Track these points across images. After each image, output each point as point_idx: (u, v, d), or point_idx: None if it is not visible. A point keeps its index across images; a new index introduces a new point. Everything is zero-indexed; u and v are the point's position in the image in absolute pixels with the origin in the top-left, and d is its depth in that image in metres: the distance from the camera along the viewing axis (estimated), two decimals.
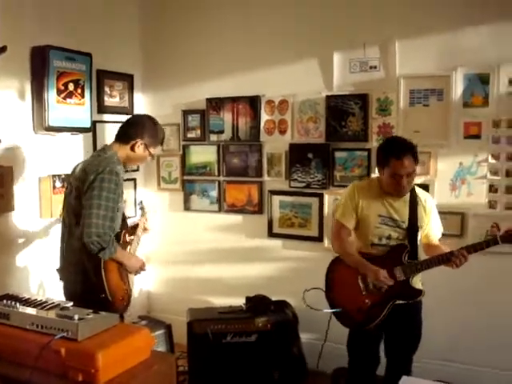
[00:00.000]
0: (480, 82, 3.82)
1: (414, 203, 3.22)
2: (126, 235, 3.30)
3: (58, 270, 3.28)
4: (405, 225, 3.20)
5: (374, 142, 4.14)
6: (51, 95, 4.02)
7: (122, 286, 3.16)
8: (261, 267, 4.69)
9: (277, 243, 4.66)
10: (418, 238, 3.25)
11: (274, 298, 4.40)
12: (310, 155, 4.40)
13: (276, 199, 4.62)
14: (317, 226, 4.46)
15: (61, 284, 3.28)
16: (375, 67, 4.13)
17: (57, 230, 3.67)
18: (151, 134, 3.25)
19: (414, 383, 2.58)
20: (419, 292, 3.18)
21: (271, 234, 4.66)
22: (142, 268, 3.30)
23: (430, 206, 3.29)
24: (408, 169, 3.06)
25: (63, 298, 3.09)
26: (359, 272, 3.20)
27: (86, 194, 2.97)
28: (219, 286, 4.85)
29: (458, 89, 3.89)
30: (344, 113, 4.24)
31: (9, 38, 3.55)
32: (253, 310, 4.27)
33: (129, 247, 3.33)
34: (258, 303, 4.33)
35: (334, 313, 3.34)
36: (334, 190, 4.36)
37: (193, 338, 4.19)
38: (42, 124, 4.01)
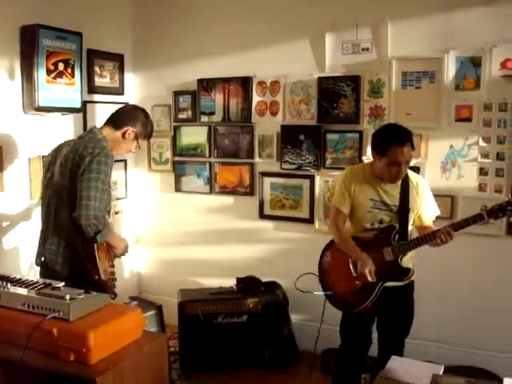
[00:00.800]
0: (472, 64, 3.82)
1: (405, 186, 3.22)
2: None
3: (39, 254, 3.20)
4: (396, 208, 3.21)
5: (366, 124, 4.15)
6: (41, 75, 3.97)
7: (110, 269, 3.15)
8: (252, 248, 4.71)
9: (268, 225, 4.67)
10: (410, 219, 3.25)
11: (264, 279, 4.43)
12: (302, 137, 4.39)
13: (267, 181, 4.61)
14: (308, 208, 4.46)
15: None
16: (367, 49, 4.11)
17: None
18: (143, 124, 3.27)
19: (403, 363, 2.59)
20: (407, 271, 3.20)
21: (262, 216, 4.67)
22: (126, 249, 3.28)
23: (422, 187, 3.29)
24: (408, 156, 3.08)
25: None
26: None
27: (82, 176, 2.92)
28: (210, 267, 4.86)
29: (450, 71, 3.88)
30: (336, 94, 4.23)
31: None
32: (243, 291, 4.31)
33: None
34: (248, 284, 4.36)
35: (326, 296, 3.37)
36: (325, 171, 4.36)
37: (184, 319, 4.22)
38: (31, 104, 3.97)
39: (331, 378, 3.62)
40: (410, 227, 3.27)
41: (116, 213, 3.47)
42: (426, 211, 3.32)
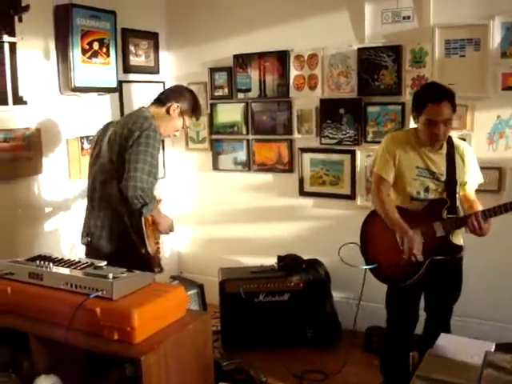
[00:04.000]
0: None
1: (451, 155, 3.10)
2: None
3: (84, 232, 3.20)
4: (443, 177, 3.09)
5: (408, 96, 4.00)
6: (76, 55, 3.96)
7: (154, 245, 3.13)
8: (292, 226, 4.64)
9: (308, 202, 4.59)
10: (457, 191, 3.14)
11: (305, 257, 4.37)
12: (342, 111, 4.29)
13: (306, 157, 4.52)
14: (349, 184, 4.36)
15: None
16: (408, 17, 3.96)
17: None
18: (188, 101, 3.25)
19: (453, 340, 2.52)
20: (459, 248, 3.10)
21: (302, 193, 4.59)
22: (171, 228, 3.27)
23: (468, 155, 3.17)
24: (445, 115, 2.94)
25: None
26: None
27: (130, 149, 2.93)
28: (250, 246, 4.83)
29: (495, 38, 3.71)
30: (376, 66, 4.10)
31: None
32: (285, 269, 4.26)
33: None
34: (289, 262, 4.31)
35: (370, 269, 3.27)
36: (366, 146, 4.25)
37: (225, 298, 4.19)
38: (67, 84, 3.96)
39: (379, 356, 3.55)
40: (458, 200, 3.15)
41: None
42: (470, 181, 3.19)
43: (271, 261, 4.39)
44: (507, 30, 3.68)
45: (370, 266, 3.27)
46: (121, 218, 3.03)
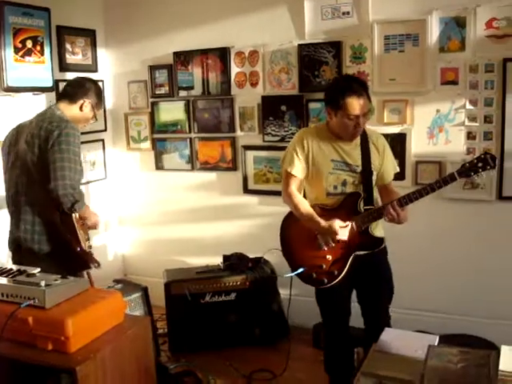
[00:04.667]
0: (456, 25, 3.69)
1: (365, 145, 3.04)
2: None
3: (12, 238, 3.17)
4: (359, 169, 3.03)
5: None
6: (8, 53, 3.83)
7: (86, 241, 3.15)
8: (237, 224, 4.61)
9: (253, 199, 4.56)
10: (373, 181, 3.09)
11: (251, 256, 4.33)
12: (284, 107, 4.27)
13: (250, 154, 4.49)
14: None
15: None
16: (348, 13, 3.97)
17: None
18: (97, 94, 3.29)
19: (397, 334, 2.54)
20: (380, 240, 3.05)
21: (246, 191, 4.56)
22: (97, 223, 3.29)
23: (382, 144, 3.12)
24: (365, 108, 2.90)
25: None
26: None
27: (52, 149, 2.93)
28: (195, 246, 4.77)
29: (433, 33, 3.75)
30: (317, 62, 4.09)
31: None
32: (231, 269, 4.23)
33: None
34: (235, 261, 4.27)
35: (296, 274, 3.13)
36: None
37: (171, 300, 4.13)
38: (0, 84, 3.82)
39: (323, 354, 3.54)
40: (374, 190, 3.11)
41: None
42: (386, 170, 3.13)
43: (217, 260, 4.34)
44: (445, 24, 3.72)
45: (295, 273, 3.13)
46: (51, 218, 3.02)
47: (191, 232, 4.80)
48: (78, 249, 2.99)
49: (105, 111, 4.89)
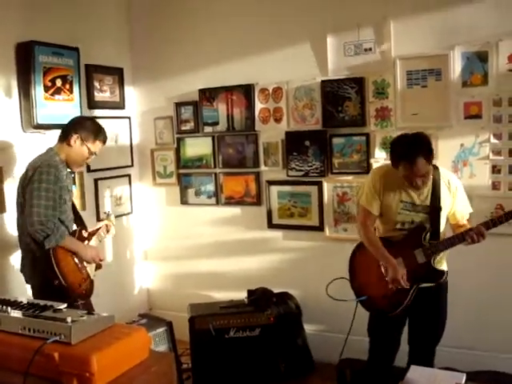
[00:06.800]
0: (478, 59, 3.71)
1: (436, 184, 3.14)
2: (83, 231, 3.42)
3: (21, 271, 3.39)
4: (427, 208, 3.13)
5: (373, 127, 4.06)
6: (38, 92, 3.93)
7: (78, 274, 3.26)
8: (261, 259, 4.61)
9: (277, 234, 4.57)
10: (442, 218, 3.17)
11: (276, 290, 4.32)
12: (307, 143, 4.30)
13: (274, 189, 4.52)
14: (317, 215, 4.36)
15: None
16: (370, 49, 4.01)
17: None
18: (86, 127, 3.36)
19: (424, 372, 2.51)
20: (442, 273, 3.15)
21: (271, 225, 4.57)
22: (98, 257, 3.39)
23: (454, 185, 3.20)
24: (421, 171, 2.97)
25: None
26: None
27: (27, 188, 3.12)
28: (220, 280, 4.77)
29: (456, 68, 3.78)
30: (340, 98, 4.13)
31: None
32: (255, 304, 4.20)
33: (86, 242, 3.43)
34: (260, 296, 4.25)
35: (359, 301, 3.30)
36: (332, 177, 4.26)
37: (195, 335, 4.12)
38: (30, 122, 3.93)
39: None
40: (442, 226, 3.18)
41: (107, 231, 3.67)
42: (458, 209, 3.22)
43: (241, 295, 4.33)
44: (467, 59, 3.74)
45: (360, 299, 3.28)
46: (33, 253, 3.18)
47: (216, 266, 4.80)
48: (56, 282, 3.09)
49: (131, 147, 4.98)
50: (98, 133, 3.41)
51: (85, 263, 3.33)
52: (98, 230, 3.60)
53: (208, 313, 4.17)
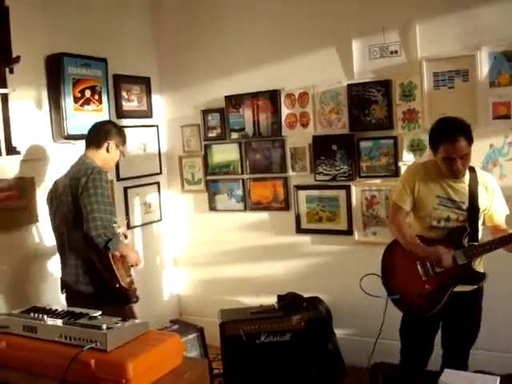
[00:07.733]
0: (506, 59, 3.68)
1: (474, 183, 3.10)
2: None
3: (62, 283, 3.42)
4: (465, 206, 3.08)
5: (400, 129, 4.04)
6: (68, 103, 4.00)
7: (128, 278, 3.36)
8: (291, 264, 4.61)
9: (305, 239, 4.57)
10: (480, 219, 3.13)
11: (305, 295, 4.31)
12: (335, 147, 4.30)
13: (302, 194, 4.52)
14: (345, 219, 4.35)
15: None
16: (396, 52, 4.01)
17: None
18: (117, 133, 3.53)
19: (456, 376, 2.47)
20: (482, 276, 3.09)
21: (299, 230, 4.57)
22: (139, 260, 3.47)
23: (491, 186, 3.16)
24: (462, 151, 2.94)
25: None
26: (418, 256, 3.13)
27: (82, 195, 3.17)
28: (250, 286, 4.79)
29: (483, 68, 3.75)
30: (367, 101, 4.13)
31: (22, 48, 3.55)
32: (285, 309, 4.19)
33: None
34: (290, 301, 4.24)
35: (392, 299, 3.25)
36: (360, 181, 4.26)
37: (226, 340, 4.12)
38: (60, 133, 4.00)
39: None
40: (480, 228, 3.14)
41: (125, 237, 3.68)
42: (496, 210, 3.18)
43: (271, 300, 4.33)
44: (494, 59, 3.71)
45: (393, 297, 3.24)
46: (91, 260, 3.24)
47: (245, 272, 4.82)
48: (117, 285, 3.20)
49: (160, 155, 5.04)
50: (125, 136, 3.61)
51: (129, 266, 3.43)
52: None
53: (239, 318, 4.17)
